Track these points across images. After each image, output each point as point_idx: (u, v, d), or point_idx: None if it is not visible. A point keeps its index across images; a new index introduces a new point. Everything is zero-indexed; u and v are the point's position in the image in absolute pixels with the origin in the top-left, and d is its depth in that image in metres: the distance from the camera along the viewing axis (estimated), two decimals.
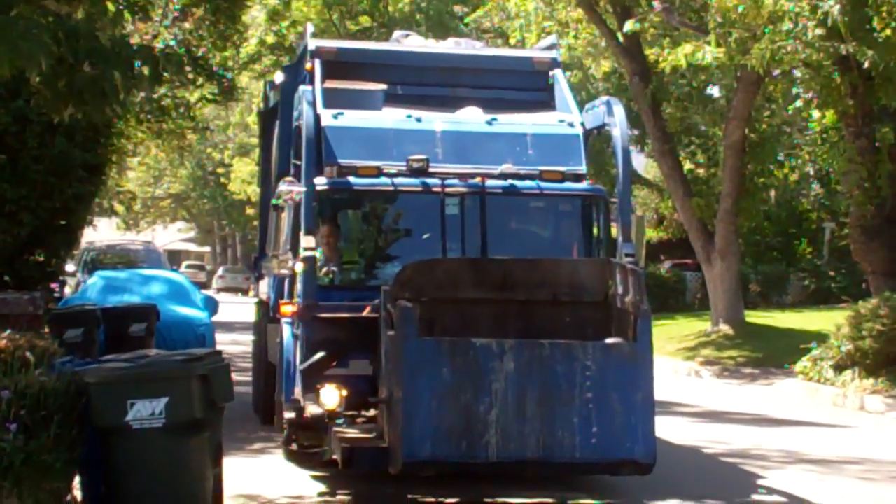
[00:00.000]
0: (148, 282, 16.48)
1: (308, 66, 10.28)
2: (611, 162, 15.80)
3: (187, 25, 14.90)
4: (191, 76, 9.85)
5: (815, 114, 18.88)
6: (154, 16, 12.33)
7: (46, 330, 10.63)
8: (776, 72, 17.19)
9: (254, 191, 35.61)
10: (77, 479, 7.43)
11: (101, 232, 33.54)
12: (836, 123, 17.87)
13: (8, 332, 8.16)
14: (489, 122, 9.75)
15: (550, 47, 11.46)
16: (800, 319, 23.55)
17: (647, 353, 7.88)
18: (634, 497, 8.75)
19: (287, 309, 9.31)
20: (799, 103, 19.05)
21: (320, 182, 9.00)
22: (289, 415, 8.61)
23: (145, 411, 6.96)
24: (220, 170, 43.72)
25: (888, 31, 14.60)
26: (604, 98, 11.07)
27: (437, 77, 10.72)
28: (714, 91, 25.74)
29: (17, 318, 10.48)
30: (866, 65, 14.68)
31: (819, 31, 14.58)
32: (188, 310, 15.53)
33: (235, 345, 16.77)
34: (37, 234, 12.32)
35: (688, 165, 25.19)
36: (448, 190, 9.24)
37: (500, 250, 9.27)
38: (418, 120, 9.70)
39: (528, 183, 9.50)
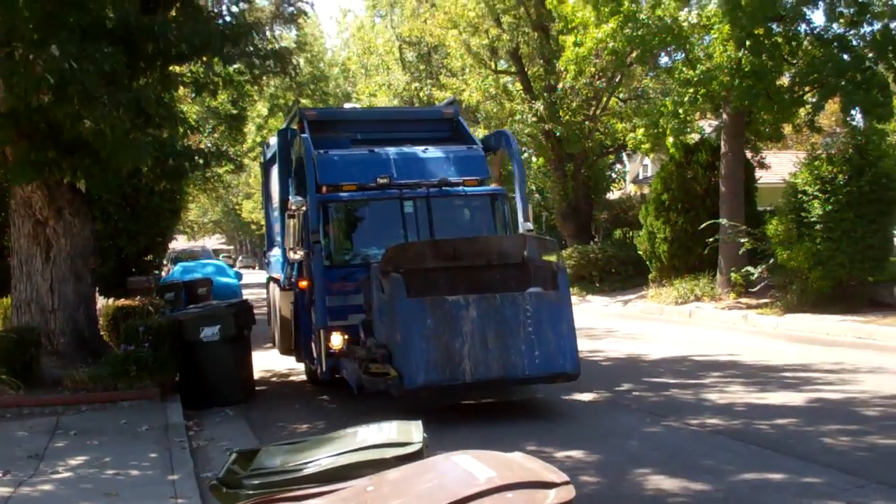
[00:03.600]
0: (205, 266, 26.82)
1: (297, 125, 12.93)
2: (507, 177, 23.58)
3: (216, 135, 23.30)
4: (221, 161, 15.37)
5: (534, 160, 34.87)
6: (202, 131, 19.41)
7: (156, 295, 15.78)
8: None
9: (255, 216, 60.56)
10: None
11: (179, 242, 52.65)
12: (545, 165, 32.63)
13: (138, 297, 13.92)
14: (423, 151, 12.41)
15: (451, 103, 15.15)
16: None
17: (567, 296, 9.92)
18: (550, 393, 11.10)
19: (303, 283, 11.78)
20: (526, 155, 32.63)
21: (320, 196, 11.38)
22: (321, 346, 11.02)
23: (209, 332, 11.49)
24: (236, 207, 67.27)
25: (567, 117, 27.51)
26: (500, 130, 15.87)
27: (383, 127, 13.57)
28: None
29: (141, 290, 15.69)
30: (558, 134, 26.97)
31: (533, 119, 27.63)
32: (227, 279, 25.80)
33: (252, 295, 23.46)
34: (147, 247, 18.26)
35: None
36: (404, 196, 11.68)
37: (444, 233, 11.50)
38: (377, 153, 12.18)
39: (455, 188, 12.03)
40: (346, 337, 10.95)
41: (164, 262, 26.31)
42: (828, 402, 10.27)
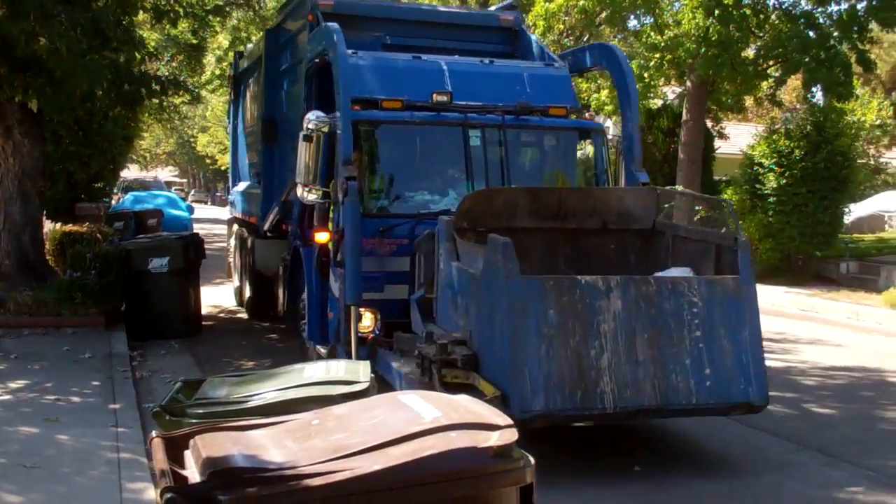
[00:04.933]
0: (156, 197, 26.23)
1: (310, 16, 9.82)
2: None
3: (174, 64, 23.81)
4: (178, 91, 14.78)
5: None
6: (161, 58, 18.83)
7: (105, 223, 15.30)
8: None
9: (210, 151, 62.00)
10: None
11: (131, 171, 51.16)
12: None
13: (87, 224, 13.70)
14: (487, 64, 9.32)
15: (511, 7, 11.20)
16: None
17: (751, 286, 6.63)
18: None
19: (322, 237, 8.38)
20: None
21: (354, 114, 8.14)
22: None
23: (158, 263, 11.30)
24: (191, 140, 66.36)
25: None
26: (601, 43, 11.67)
27: (420, 30, 10.36)
28: None
29: (90, 217, 15.28)
30: None
31: None
32: (178, 211, 25.37)
33: (203, 230, 22.99)
34: (98, 173, 17.65)
35: None
36: (470, 122, 8.61)
37: (519, 180, 8.71)
38: (427, 61, 9.03)
39: (540, 118, 8.99)
40: (375, 316, 8.08)
41: (115, 191, 25.90)
42: (768, 371, 10.45)
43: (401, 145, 8.85)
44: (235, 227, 14.44)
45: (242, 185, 14.01)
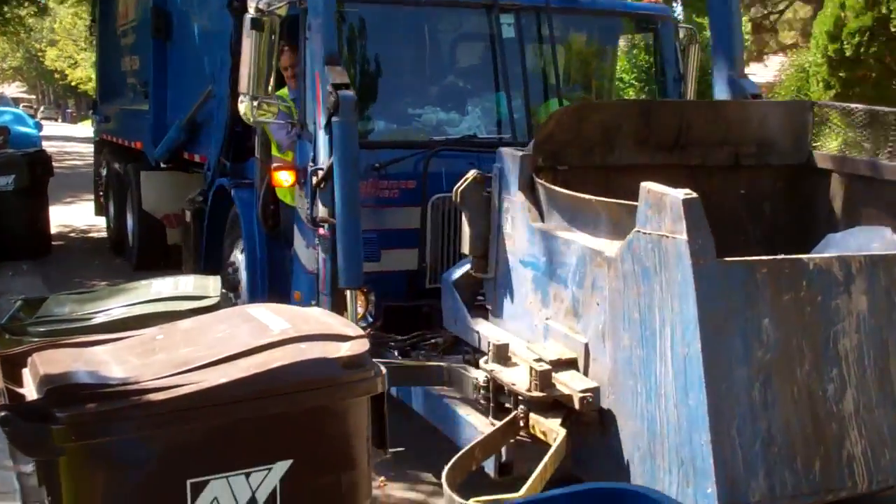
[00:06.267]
0: (2, 114, 24.52)
1: None
2: None
3: None
4: (23, 1, 13.48)
5: None
6: None
7: None
8: None
9: (59, 65, 57.54)
10: None
11: None
12: None
13: None
14: None
15: None
16: None
17: None
18: None
19: (283, 178, 5.71)
20: None
21: None
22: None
23: (2, 182, 10.83)
24: (39, 54, 62.87)
25: None
26: None
27: None
28: None
29: None
30: None
31: None
32: (26, 129, 24.09)
33: (53, 147, 22.40)
34: None
35: None
36: (502, 3, 6.02)
37: (569, 94, 6.44)
38: None
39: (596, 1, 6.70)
40: (367, 298, 5.32)
41: None
42: None
43: (402, 39, 6.26)
44: (107, 152, 12.05)
45: (117, 101, 11.59)
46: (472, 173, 4.74)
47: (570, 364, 3.93)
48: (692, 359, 3.28)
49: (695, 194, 3.38)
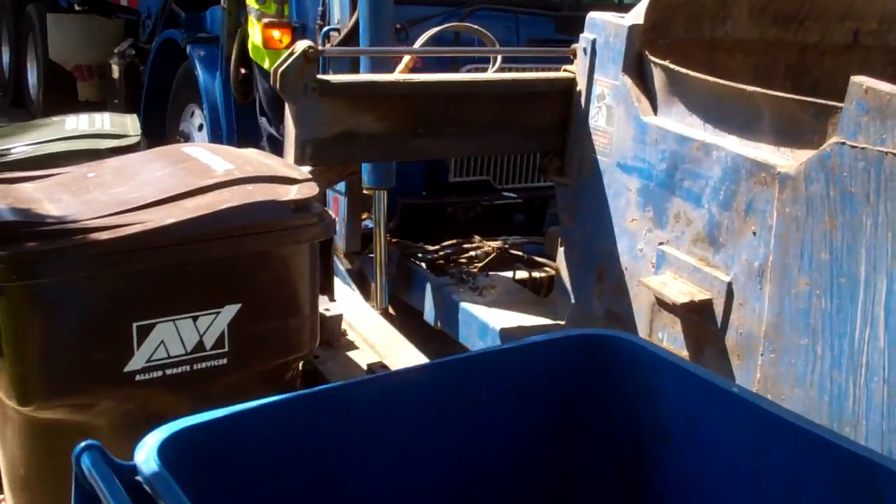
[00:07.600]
0: None
1: None
2: None
3: None
4: None
5: None
6: None
7: None
8: None
9: None
10: None
11: None
12: None
13: None
14: None
15: None
16: None
17: None
18: None
19: (277, 38, 4.66)
20: None
21: None
22: None
23: None
24: None
25: None
26: None
27: None
28: None
29: None
30: None
31: None
32: None
33: None
34: None
35: None
36: None
37: None
38: None
39: None
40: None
41: None
42: None
43: None
44: None
45: None
46: (301, 45, 3.35)
47: (703, 307, 2.93)
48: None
49: None
